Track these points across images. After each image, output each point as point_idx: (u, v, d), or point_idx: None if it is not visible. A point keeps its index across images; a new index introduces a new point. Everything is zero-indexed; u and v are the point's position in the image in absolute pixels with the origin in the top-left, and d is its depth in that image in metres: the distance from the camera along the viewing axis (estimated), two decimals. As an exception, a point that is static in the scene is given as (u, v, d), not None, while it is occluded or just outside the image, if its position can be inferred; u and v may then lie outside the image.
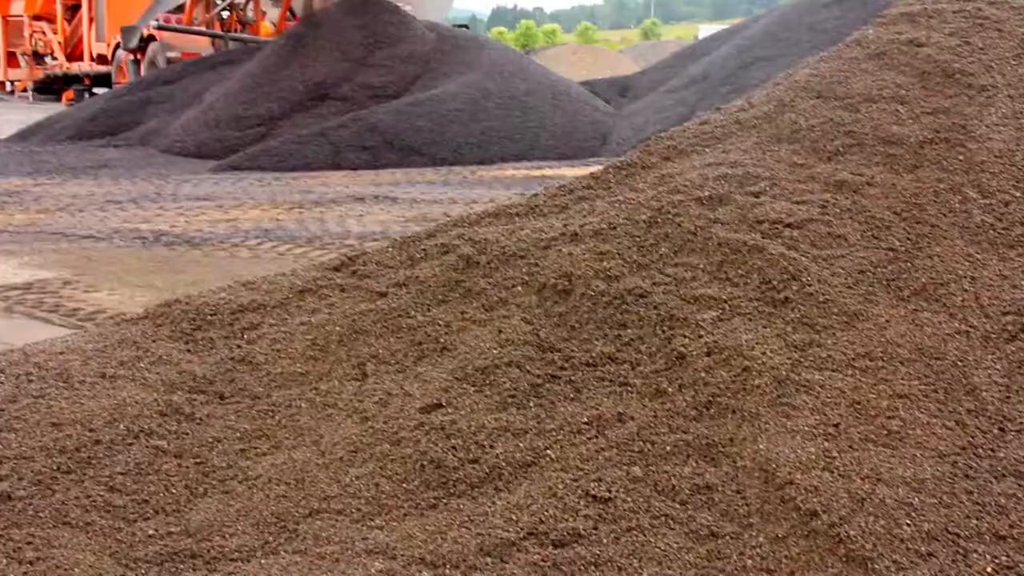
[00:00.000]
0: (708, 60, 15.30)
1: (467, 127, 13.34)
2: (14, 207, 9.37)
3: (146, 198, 9.95)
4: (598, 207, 3.76)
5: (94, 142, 14.80)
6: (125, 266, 6.97)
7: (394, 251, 3.84)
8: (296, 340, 3.42)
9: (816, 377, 2.84)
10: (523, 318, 3.31)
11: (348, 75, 14.40)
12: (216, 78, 15.97)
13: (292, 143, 12.75)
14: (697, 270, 3.30)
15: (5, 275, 6.65)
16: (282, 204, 9.60)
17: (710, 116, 4.17)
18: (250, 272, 6.46)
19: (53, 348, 3.50)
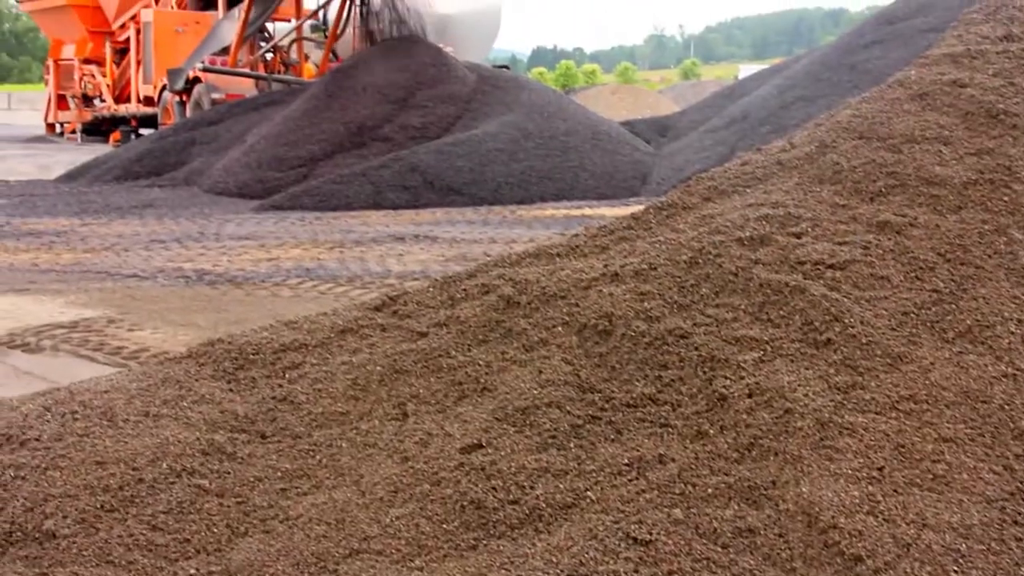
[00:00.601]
0: (748, 100, 15.30)
1: (507, 167, 13.40)
2: (61, 246, 9.50)
3: (190, 237, 10.06)
4: (639, 247, 3.76)
5: (140, 182, 15.01)
6: (168, 305, 7.04)
7: (435, 291, 3.86)
8: (337, 380, 3.43)
9: (859, 420, 2.81)
10: (563, 358, 3.30)
11: (389, 116, 14.53)
12: (259, 119, 16.18)
13: (333, 183, 12.87)
14: (738, 311, 3.28)
15: (52, 314, 6.74)
16: (323, 243, 9.67)
17: (751, 156, 4.16)
18: (292, 311, 6.51)
19: (98, 387, 3.54)
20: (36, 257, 8.93)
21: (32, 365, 5.53)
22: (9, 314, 6.72)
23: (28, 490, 2.92)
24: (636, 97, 33.21)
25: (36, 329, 6.28)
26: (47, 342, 5.98)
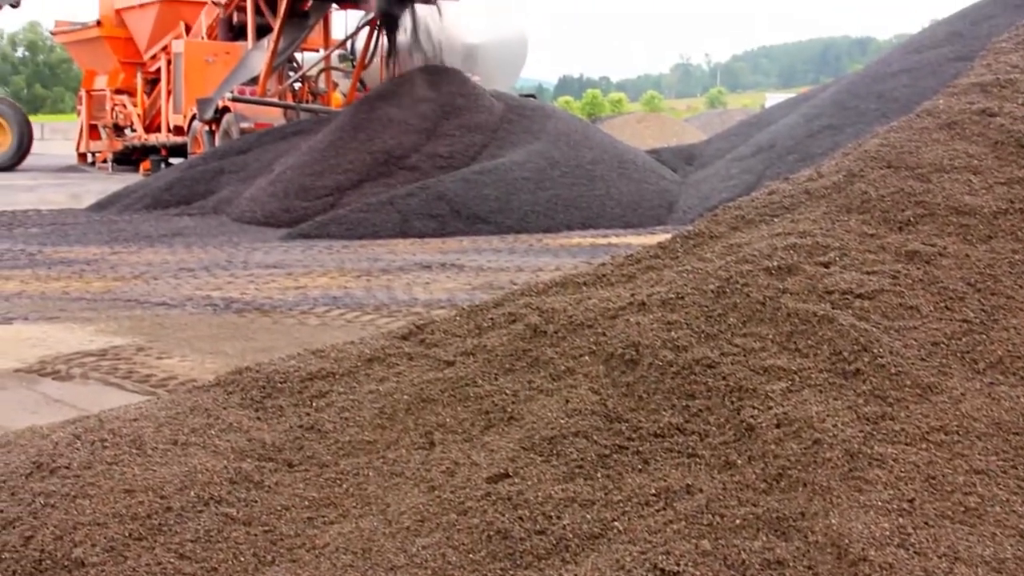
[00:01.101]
0: (775, 128, 15.30)
1: (534, 195, 13.44)
2: (92, 275, 9.59)
3: (218, 266, 10.12)
4: (666, 276, 3.76)
5: (169, 211, 15.14)
6: (196, 333, 7.08)
7: (462, 320, 3.86)
8: (364, 408, 3.44)
9: (889, 451, 2.79)
10: (590, 388, 3.30)
11: (416, 145, 14.60)
12: (287, 148, 16.30)
13: (360, 211, 12.93)
14: (766, 340, 3.27)
15: (82, 341, 6.80)
16: (350, 272, 9.71)
17: (778, 186, 4.16)
18: (319, 339, 6.53)
19: (127, 415, 3.56)
20: (67, 285, 9.01)
21: (62, 393, 5.57)
22: (40, 342, 6.78)
23: (58, 518, 2.94)
24: (662, 126, 33.27)
25: (66, 357, 6.33)
26: (77, 370, 6.02)
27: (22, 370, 6.05)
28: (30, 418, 4.91)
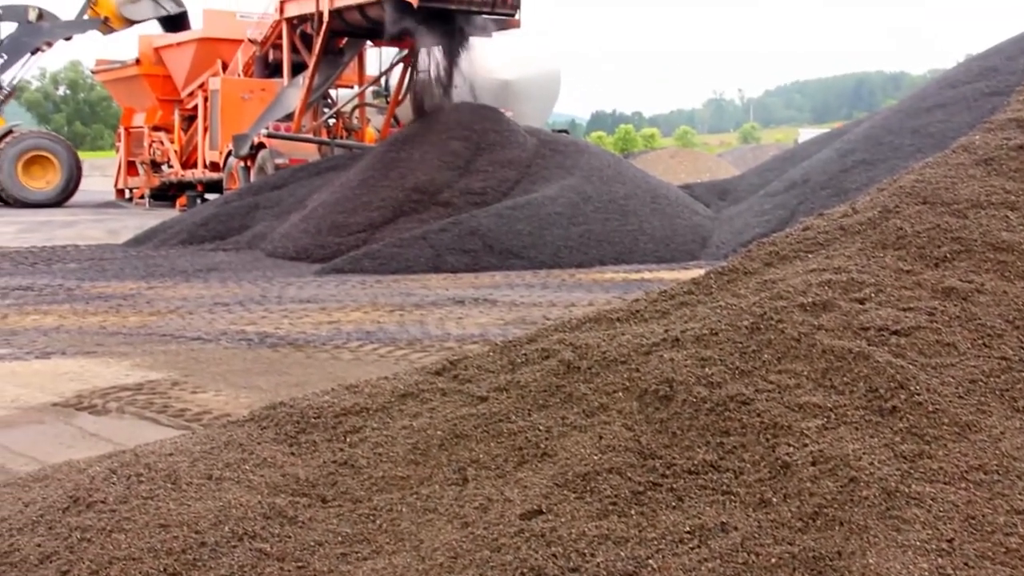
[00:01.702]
0: (808, 164, 15.26)
1: (566, 230, 13.46)
2: (128, 309, 9.68)
3: (252, 300, 10.19)
4: (699, 312, 3.75)
5: (205, 246, 15.27)
6: (231, 367, 7.12)
7: (495, 355, 3.87)
8: (398, 444, 3.44)
9: (927, 490, 2.76)
10: (624, 424, 3.29)
11: (450, 181, 14.67)
12: (321, 183, 16.42)
13: (393, 246, 12.99)
14: (801, 377, 3.25)
15: (118, 376, 6.85)
16: (383, 306, 9.75)
17: (813, 222, 4.15)
18: (352, 374, 6.55)
19: (162, 449, 3.58)
20: (104, 320, 9.09)
21: (99, 427, 5.61)
22: (78, 376, 6.84)
23: (94, 552, 2.96)
24: (695, 161, 33.26)
25: (103, 391, 6.38)
26: (113, 404, 6.07)
27: (59, 404, 6.10)
28: (67, 452, 4.95)
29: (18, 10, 27.35)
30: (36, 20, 27.29)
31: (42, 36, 27.45)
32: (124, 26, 27.62)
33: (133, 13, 27.44)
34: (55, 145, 28.04)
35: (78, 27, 27.75)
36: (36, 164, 27.18)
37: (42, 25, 27.38)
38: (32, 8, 27.40)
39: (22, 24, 27.23)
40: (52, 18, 27.66)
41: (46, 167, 27.31)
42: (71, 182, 27.77)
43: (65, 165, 27.47)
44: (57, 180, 27.33)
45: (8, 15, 27.28)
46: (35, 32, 27.33)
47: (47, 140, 28.44)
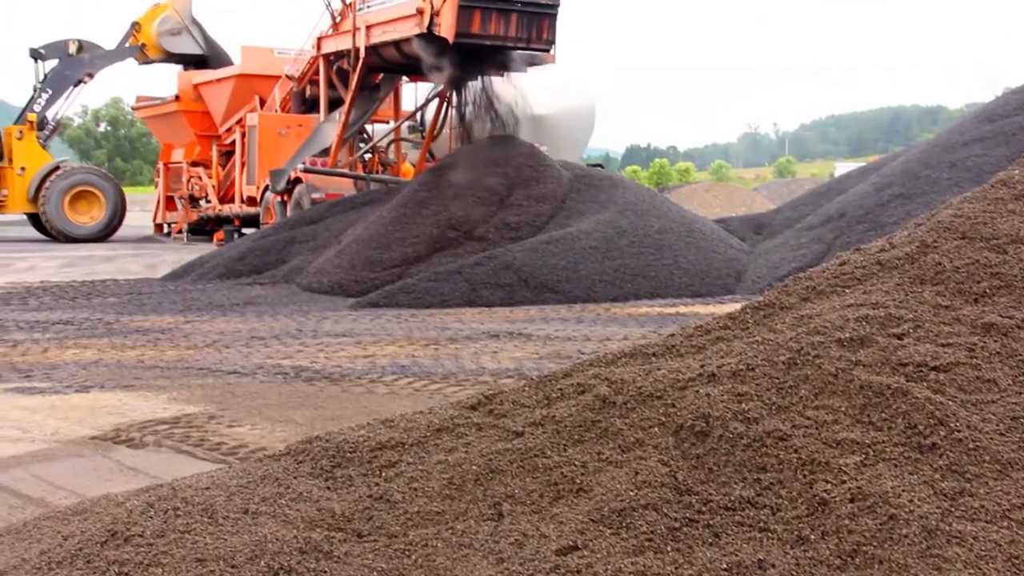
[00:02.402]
0: (844, 198, 15.19)
1: (601, 264, 13.44)
2: (166, 343, 9.76)
3: (288, 334, 10.25)
4: (736, 348, 3.73)
5: (241, 280, 15.37)
6: (267, 401, 7.16)
7: (530, 390, 3.87)
8: (433, 479, 3.44)
9: (968, 528, 2.72)
10: (660, 459, 3.27)
11: (485, 216, 14.70)
12: (357, 218, 16.52)
13: (429, 280, 13.03)
14: (839, 413, 3.22)
15: (155, 409, 6.90)
16: (418, 340, 9.77)
17: (849, 256, 4.13)
18: (387, 408, 6.57)
19: (199, 483, 3.60)
20: (142, 354, 9.17)
21: (136, 460, 5.65)
22: (116, 410, 6.90)
23: (130, 585, 2.97)
24: (730, 195, 33.22)
25: (140, 424, 6.43)
26: (150, 437, 6.11)
27: (98, 437, 6.15)
28: (105, 486, 4.99)
29: (58, 46, 27.87)
30: (76, 53, 27.78)
31: (83, 68, 27.94)
32: (159, 56, 28.04)
33: (171, 45, 27.86)
34: (101, 180, 28.47)
35: (117, 56, 28.21)
36: (82, 199, 27.60)
37: (83, 57, 27.87)
38: (72, 41, 27.92)
39: (63, 59, 27.73)
40: (92, 48, 28.15)
41: (92, 202, 27.72)
42: (116, 217, 28.16)
43: (110, 200, 27.88)
44: (102, 215, 27.72)
45: (50, 53, 27.79)
46: (76, 65, 27.83)
47: (93, 175, 28.88)
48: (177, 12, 27.97)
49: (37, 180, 27.22)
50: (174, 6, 28.03)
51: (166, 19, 27.82)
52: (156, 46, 27.72)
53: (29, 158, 27.46)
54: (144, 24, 27.75)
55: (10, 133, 27.41)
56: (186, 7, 28.20)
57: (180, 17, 27.96)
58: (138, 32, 27.72)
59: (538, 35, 16.50)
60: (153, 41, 27.67)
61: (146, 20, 27.83)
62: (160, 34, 27.64)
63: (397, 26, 17.77)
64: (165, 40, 27.72)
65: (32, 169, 27.40)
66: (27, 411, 6.88)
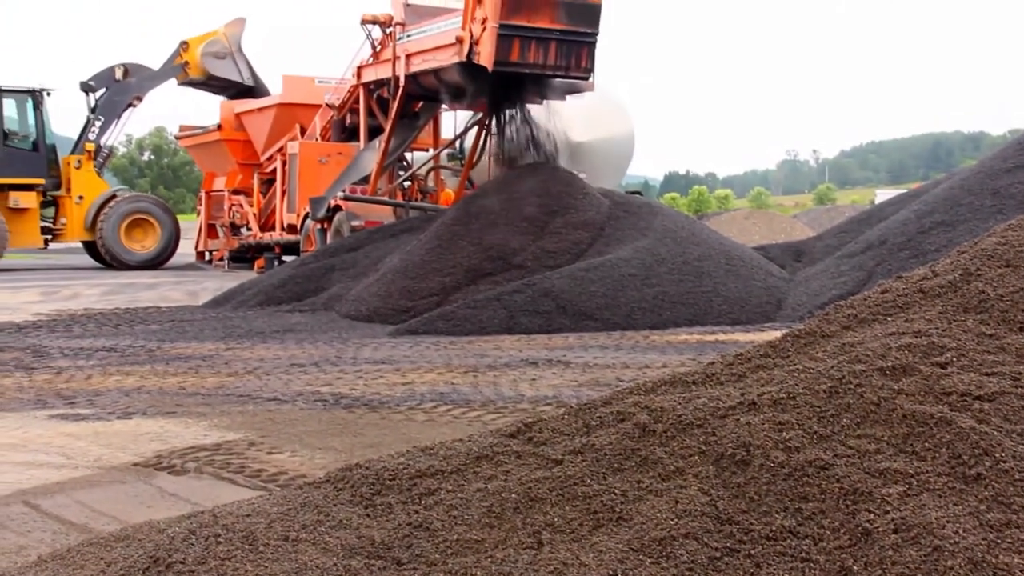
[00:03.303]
0: (885, 225, 15.08)
1: (640, 292, 13.41)
2: (207, 370, 9.83)
3: (328, 361, 10.29)
4: (776, 376, 3.71)
5: (282, 307, 15.47)
6: (306, 428, 7.19)
7: (570, 418, 3.86)
8: (472, 507, 3.44)
9: (1015, 560, 2.68)
10: (700, 488, 3.25)
11: (524, 244, 14.70)
12: (396, 245, 16.59)
13: (467, 307, 13.05)
14: (881, 442, 3.19)
15: (196, 436, 6.95)
16: (457, 368, 9.78)
17: (891, 284, 4.10)
18: (426, 435, 6.58)
19: (240, 510, 3.62)
20: (183, 381, 9.25)
21: (177, 487, 5.69)
22: (158, 436, 6.96)
23: (172, 611, 2.99)
24: (770, 222, 33.08)
25: (181, 451, 6.48)
26: (191, 464, 6.15)
27: (140, 464, 6.20)
28: (147, 512, 5.03)
29: (105, 74, 28.37)
30: (123, 77, 28.26)
31: (132, 92, 28.42)
32: (200, 76, 28.39)
33: (214, 67, 28.24)
34: (157, 208, 28.88)
35: (163, 75, 28.66)
36: (138, 227, 28.00)
37: (130, 82, 28.35)
38: (118, 67, 28.41)
39: (111, 85, 28.21)
40: (138, 71, 28.61)
41: (146, 229, 28.11)
42: (170, 244, 28.54)
43: (165, 228, 28.25)
44: (157, 242, 28.10)
45: (99, 83, 28.28)
46: (124, 90, 28.32)
47: (149, 203, 29.31)
48: (226, 38, 28.40)
49: (94, 208, 27.67)
50: (225, 32, 28.47)
51: (215, 42, 28.28)
52: (199, 66, 28.13)
53: (86, 187, 27.92)
54: (193, 44, 28.20)
55: (68, 163, 27.90)
56: (236, 35, 28.62)
57: (228, 43, 28.38)
58: (185, 51, 28.19)
59: (577, 63, 16.56)
60: (197, 61, 28.09)
61: (195, 41, 28.29)
62: (205, 55, 28.06)
63: (437, 55, 17.90)
64: (209, 61, 28.11)
65: (89, 198, 27.85)
66: (71, 437, 6.96)
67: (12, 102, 27.28)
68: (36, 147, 27.23)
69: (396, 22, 19.59)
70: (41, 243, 28.07)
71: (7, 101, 27.15)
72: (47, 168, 27.40)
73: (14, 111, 27.40)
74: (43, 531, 4.89)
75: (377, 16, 19.92)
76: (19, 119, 27.46)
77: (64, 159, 28.04)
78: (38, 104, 27.31)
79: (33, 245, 28.04)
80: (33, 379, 9.37)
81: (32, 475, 5.97)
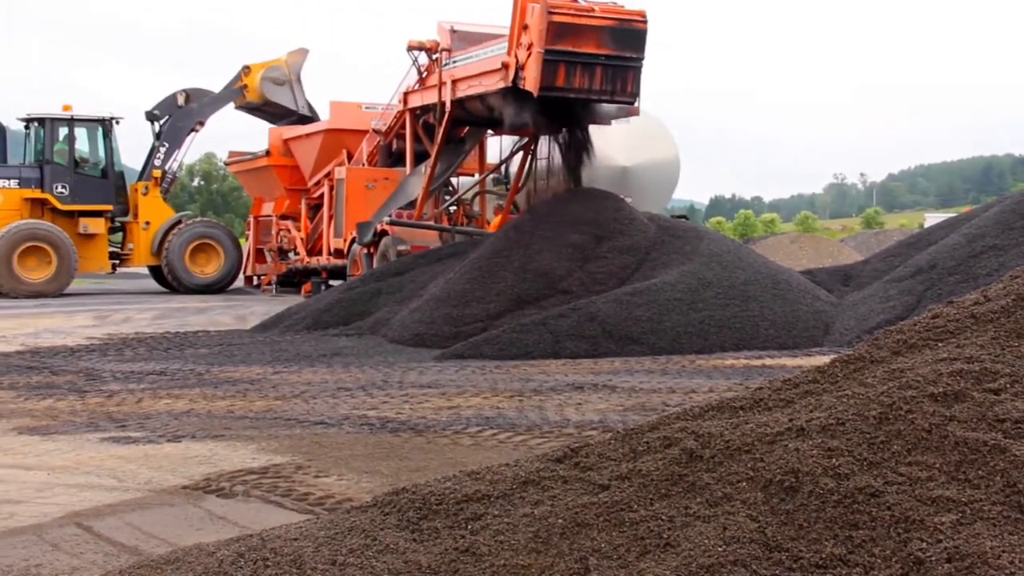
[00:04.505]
0: (935, 249, 14.91)
1: (686, 316, 13.35)
2: (255, 394, 9.91)
3: (374, 385, 10.34)
4: (825, 401, 3.68)
5: (328, 331, 15.55)
6: (353, 452, 7.22)
7: (616, 443, 3.85)
8: (519, 532, 3.43)
9: (1072, 590, 2.64)
10: (748, 515, 3.23)
11: (569, 269, 14.69)
12: (442, 269, 16.64)
13: (513, 332, 13.05)
14: (933, 470, 3.15)
15: (244, 459, 7.01)
16: (503, 392, 9.78)
17: (942, 309, 4.06)
18: (472, 459, 6.58)
19: (288, 534, 3.64)
20: (232, 404, 9.32)
21: (226, 510, 5.73)
22: (207, 459, 7.02)
23: (221, 634, 3.01)
24: (817, 246, 32.85)
25: (230, 474, 6.53)
26: (240, 487, 6.20)
27: (189, 487, 6.26)
28: (196, 535, 5.07)
29: (168, 102, 28.88)
30: (185, 103, 28.75)
31: (194, 117, 28.92)
32: (256, 100, 28.81)
33: (271, 92, 28.64)
34: (220, 233, 29.28)
35: (223, 99, 29.13)
36: (201, 252, 28.39)
37: (192, 107, 28.84)
38: (180, 93, 28.92)
39: (174, 112, 28.71)
40: (199, 95, 29.08)
41: (210, 254, 28.50)
42: (233, 268, 28.90)
43: (228, 253, 28.64)
44: (220, 267, 28.47)
45: (162, 110, 28.79)
46: (187, 115, 28.83)
47: (213, 229, 29.73)
48: (287, 66, 28.85)
49: (160, 234, 28.12)
50: (287, 60, 28.90)
51: (276, 68, 28.75)
52: (257, 90, 28.57)
53: (153, 212, 28.40)
54: (254, 69, 28.66)
55: (136, 189, 28.43)
56: (297, 64, 29.06)
57: (288, 71, 28.82)
58: (246, 75, 28.65)
59: (622, 88, 16.57)
60: (256, 85, 28.53)
61: (257, 66, 28.75)
62: (264, 79, 28.50)
63: (482, 80, 17.99)
64: (267, 86, 28.54)
65: (156, 223, 28.32)
66: (122, 460, 7.04)
67: (83, 131, 27.80)
68: (105, 174, 27.73)
69: (442, 48, 19.72)
70: (109, 268, 28.57)
71: (78, 130, 27.67)
72: (115, 195, 27.89)
73: (85, 139, 27.92)
74: (95, 553, 4.95)
75: (423, 42, 20.07)
76: (89, 147, 27.98)
77: (132, 186, 28.57)
78: (108, 132, 27.80)
79: (101, 270, 28.55)
80: (86, 402, 9.50)
81: (85, 497, 6.04)
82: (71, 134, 27.51)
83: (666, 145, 28.73)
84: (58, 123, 27.27)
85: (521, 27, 16.25)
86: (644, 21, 16.43)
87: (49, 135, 27.00)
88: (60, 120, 27.31)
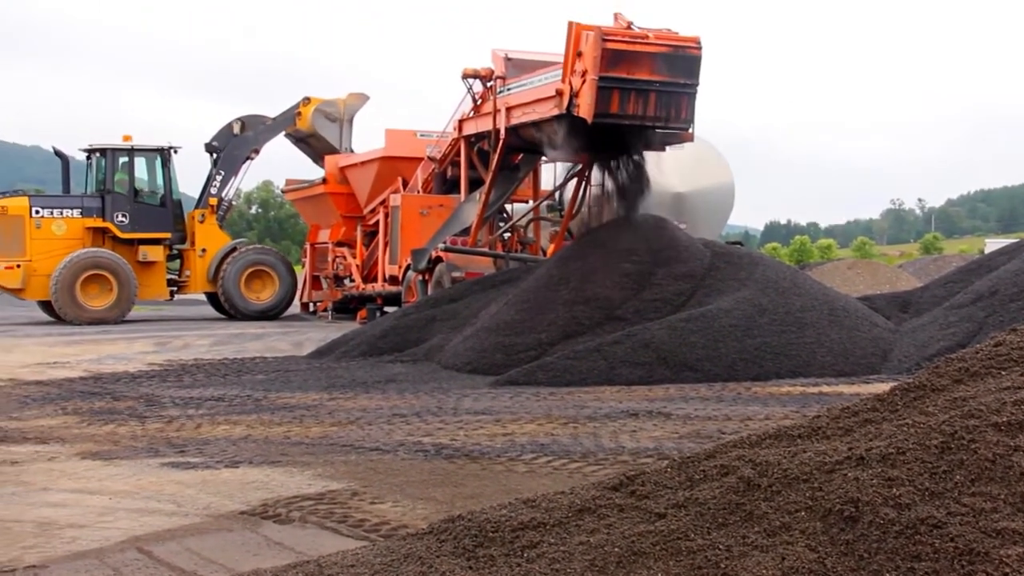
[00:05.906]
0: (996, 275, 14.68)
1: (741, 343, 13.25)
2: (311, 420, 9.98)
3: (429, 412, 10.36)
4: (885, 430, 3.64)
5: (383, 358, 15.62)
6: (408, 478, 7.24)
7: (673, 471, 3.83)
8: (575, 560, 3.42)
9: None
10: (807, 545, 3.19)
11: (624, 297, 14.64)
12: (496, 295, 16.66)
13: (567, 359, 13.02)
14: (998, 501, 3.10)
15: (300, 485, 7.05)
16: (557, 419, 9.76)
17: (1005, 337, 4.00)
18: (526, 486, 6.57)
19: (344, 560, 3.66)
20: (288, 430, 9.40)
21: (283, 536, 5.77)
22: (264, 485, 7.08)
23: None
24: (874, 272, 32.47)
25: (287, 500, 6.57)
26: (296, 513, 6.24)
27: (247, 512, 6.31)
28: (253, 560, 5.11)
29: (224, 132, 29.38)
30: (240, 132, 29.22)
31: (249, 145, 29.40)
32: (305, 131, 29.26)
33: (320, 125, 29.06)
34: (275, 260, 29.64)
35: (276, 127, 29.62)
36: (257, 278, 28.75)
37: (247, 135, 29.33)
38: (235, 122, 29.42)
39: (230, 140, 29.19)
40: (254, 123, 29.53)
41: (265, 281, 28.86)
42: (288, 295, 29.23)
43: (282, 278, 28.97)
44: (274, 292, 28.80)
45: (220, 141, 29.27)
46: (243, 144, 29.32)
47: (268, 256, 30.10)
48: (343, 105, 29.28)
49: (216, 261, 28.52)
50: (345, 100, 29.36)
51: (332, 104, 29.22)
52: (308, 120, 29.03)
53: (209, 240, 28.84)
54: (313, 101, 29.11)
55: (193, 217, 28.89)
56: (353, 106, 29.51)
57: (343, 110, 29.24)
58: (304, 105, 29.10)
59: (677, 114, 16.55)
60: (308, 115, 28.97)
61: (317, 100, 29.19)
62: (317, 111, 28.93)
63: (536, 107, 18.06)
64: (318, 119, 28.95)
65: (212, 250, 28.74)
66: (181, 485, 7.11)
67: (143, 160, 28.31)
68: (163, 203, 28.20)
69: (497, 76, 19.84)
70: (167, 295, 29.00)
71: (138, 159, 28.19)
72: (173, 223, 28.34)
73: (144, 168, 28.43)
74: (154, 577, 5.00)
75: (478, 70, 20.20)
76: (148, 176, 28.49)
77: (189, 214, 29.05)
78: (166, 161, 28.28)
79: (160, 297, 29.00)
80: (146, 427, 9.62)
81: (145, 522, 6.12)
82: (131, 164, 28.02)
83: (721, 171, 28.63)
84: (118, 153, 27.80)
85: (575, 54, 16.30)
86: (698, 47, 16.42)
87: (110, 165, 27.51)
88: (120, 150, 27.83)
